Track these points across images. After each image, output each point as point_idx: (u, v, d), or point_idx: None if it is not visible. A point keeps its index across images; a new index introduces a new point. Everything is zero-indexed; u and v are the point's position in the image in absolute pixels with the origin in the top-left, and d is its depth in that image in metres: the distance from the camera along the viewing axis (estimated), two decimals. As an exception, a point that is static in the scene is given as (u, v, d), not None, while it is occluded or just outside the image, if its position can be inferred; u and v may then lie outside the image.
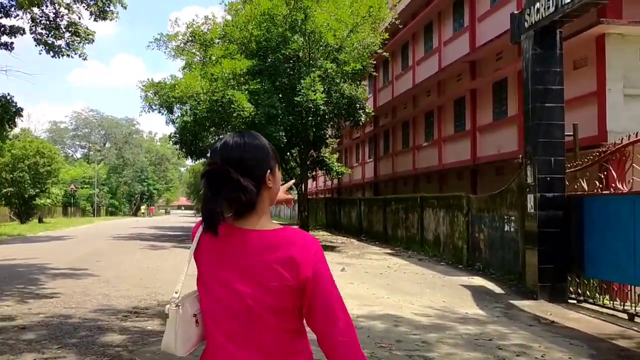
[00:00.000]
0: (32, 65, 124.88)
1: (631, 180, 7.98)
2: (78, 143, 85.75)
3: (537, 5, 9.27)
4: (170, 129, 39.73)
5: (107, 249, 17.82)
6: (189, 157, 27.43)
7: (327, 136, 23.17)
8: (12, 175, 35.50)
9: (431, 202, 17.14)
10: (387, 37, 21.67)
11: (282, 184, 1.71)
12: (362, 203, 25.42)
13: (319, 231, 29.11)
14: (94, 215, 65.94)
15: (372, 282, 10.87)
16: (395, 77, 27.44)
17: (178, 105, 23.16)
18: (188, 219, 60.19)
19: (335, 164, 24.14)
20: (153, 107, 22.22)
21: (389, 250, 18.15)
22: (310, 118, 18.90)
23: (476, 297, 9.31)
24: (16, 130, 50.11)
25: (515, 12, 10.81)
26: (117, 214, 75.91)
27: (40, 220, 40.34)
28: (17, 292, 9.12)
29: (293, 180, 2.59)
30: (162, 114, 22.62)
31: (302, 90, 17.85)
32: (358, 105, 20.55)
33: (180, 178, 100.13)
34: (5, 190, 35.32)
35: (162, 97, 21.26)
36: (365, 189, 34.65)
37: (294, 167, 24.82)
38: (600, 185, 8.67)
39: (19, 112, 21.60)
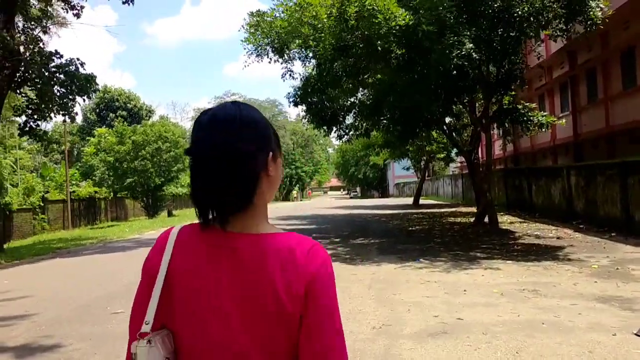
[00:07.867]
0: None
1: None
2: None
3: None
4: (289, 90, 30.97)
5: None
6: (318, 126, 20.53)
7: (522, 68, 14.43)
8: (134, 164, 31.57)
9: None
10: None
11: None
12: (573, 173, 16.67)
13: (500, 214, 20.73)
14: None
15: None
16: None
17: (294, 51, 16.35)
18: (342, 201, 57.07)
19: (537, 112, 15.28)
20: (260, 52, 15.59)
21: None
22: (501, 30, 10.78)
23: None
24: (154, 118, 48.02)
25: None
26: (266, 200, 73.11)
27: (169, 214, 36.45)
28: None
29: None
30: (271, 60, 15.90)
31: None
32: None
33: (327, 159, 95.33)
34: (129, 180, 31.48)
35: (268, 33, 14.64)
36: (558, 154, 25.36)
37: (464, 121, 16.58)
38: None
39: (89, 80, 16.42)
